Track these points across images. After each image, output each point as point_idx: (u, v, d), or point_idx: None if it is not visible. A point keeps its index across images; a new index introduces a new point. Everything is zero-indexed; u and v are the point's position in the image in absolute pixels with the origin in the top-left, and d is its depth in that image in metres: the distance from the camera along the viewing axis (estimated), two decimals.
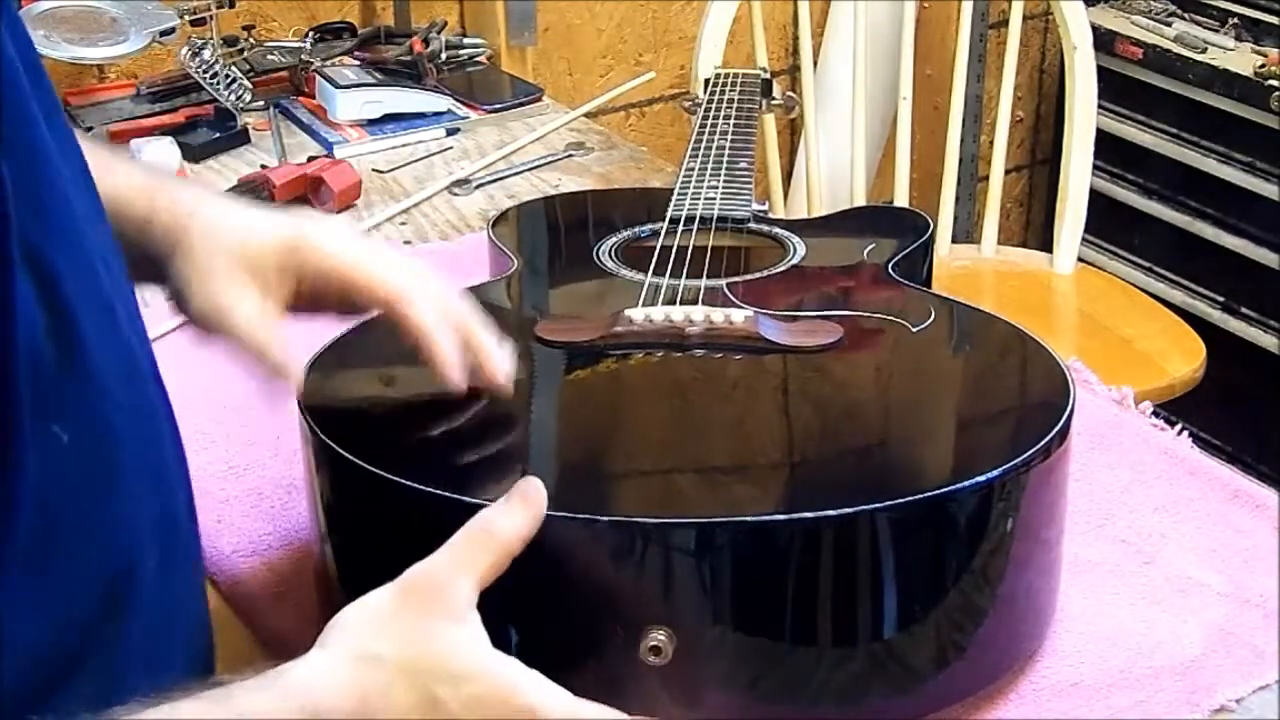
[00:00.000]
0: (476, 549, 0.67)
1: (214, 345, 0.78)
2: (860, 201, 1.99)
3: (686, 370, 0.86)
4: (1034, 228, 2.75)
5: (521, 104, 1.69)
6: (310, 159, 1.49)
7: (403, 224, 1.41)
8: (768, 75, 1.37)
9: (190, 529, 0.71)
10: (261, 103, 1.64)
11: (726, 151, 1.16)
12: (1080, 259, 2.00)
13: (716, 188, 1.09)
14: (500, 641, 0.73)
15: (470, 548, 0.67)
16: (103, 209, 0.68)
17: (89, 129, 1.55)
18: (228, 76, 1.59)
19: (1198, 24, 2.35)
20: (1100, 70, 1.95)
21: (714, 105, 1.27)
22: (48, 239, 0.58)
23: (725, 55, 1.88)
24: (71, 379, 0.59)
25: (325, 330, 0.90)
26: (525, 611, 0.72)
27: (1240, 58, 2.25)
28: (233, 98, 1.59)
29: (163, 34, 1.57)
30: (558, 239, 1.16)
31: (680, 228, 1.03)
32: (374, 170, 1.51)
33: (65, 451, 0.58)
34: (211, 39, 1.61)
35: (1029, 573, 0.80)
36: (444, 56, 1.73)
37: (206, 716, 0.60)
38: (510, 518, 0.68)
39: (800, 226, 1.08)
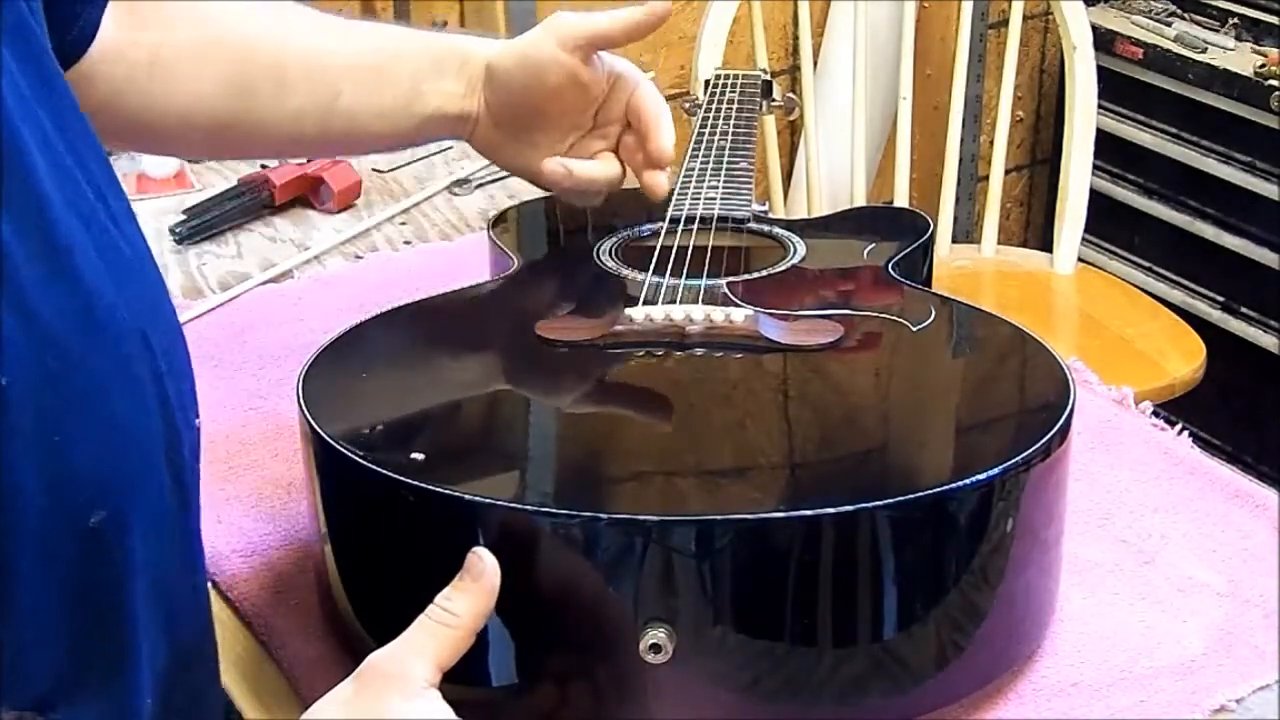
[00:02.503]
0: (431, 632, 0.68)
1: None
2: (860, 201, 1.99)
3: (686, 369, 0.86)
4: (1034, 228, 2.75)
5: None
6: (310, 159, 1.48)
7: (403, 224, 1.41)
8: (768, 76, 1.37)
9: (169, 486, 0.69)
10: None
11: (726, 152, 1.16)
12: (1080, 259, 2.00)
13: (716, 188, 1.09)
14: (501, 642, 0.73)
15: (425, 632, 0.68)
16: (85, 152, 0.67)
17: None
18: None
19: (1198, 24, 2.35)
20: (1100, 70, 1.96)
21: (714, 106, 1.27)
22: None
23: (725, 55, 1.88)
24: (17, 328, 0.59)
25: (325, 329, 0.91)
26: (526, 611, 0.72)
27: (1240, 58, 2.25)
28: None
29: None
30: (558, 239, 1.16)
31: (680, 227, 1.03)
32: (374, 170, 1.51)
33: (4, 394, 0.58)
34: None
35: (1028, 572, 0.80)
36: None
37: None
38: (463, 599, 0.69)
39: (800, 226, 1.08)
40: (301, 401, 0.82)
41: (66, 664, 0.63)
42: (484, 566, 0.70)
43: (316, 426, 0.79)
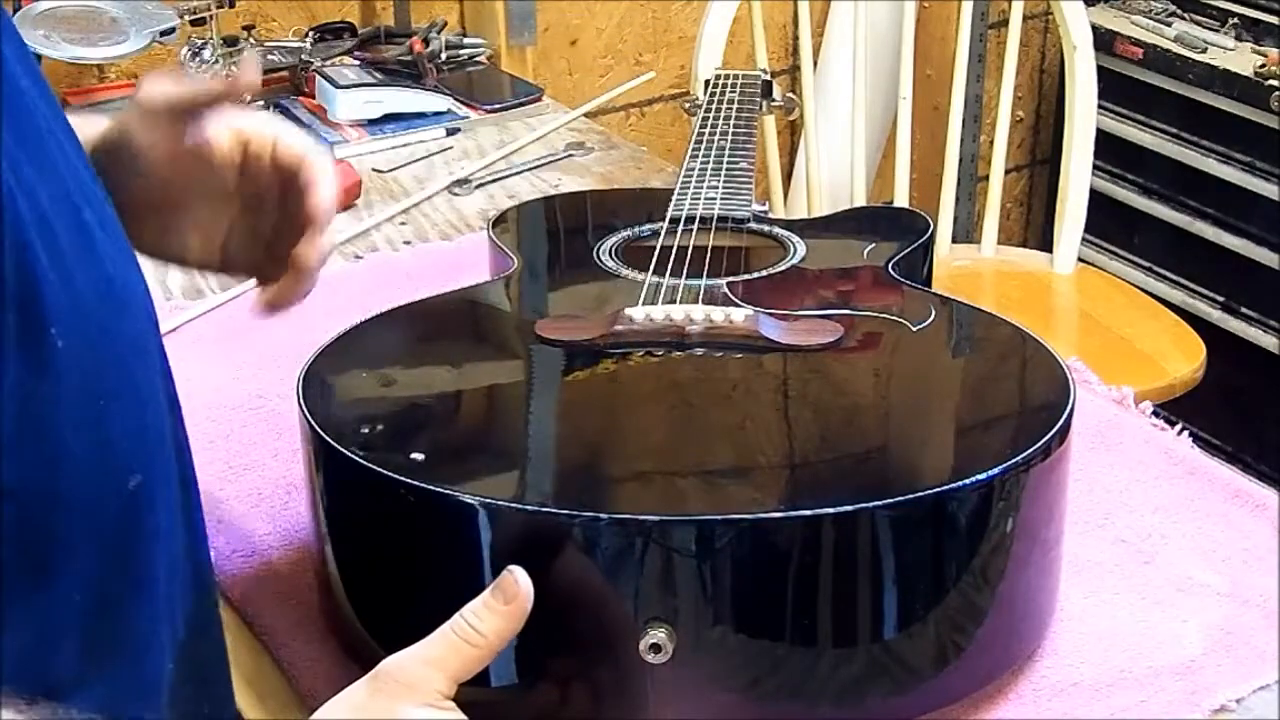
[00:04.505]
0: (454, 648, 0.67)
1: None
2: (860, 201, 1.99)
3: (687, 369, 0.86)
4: (1034, 228, 2.75)
5: (521, 104, 1.69)
6: None
7: (403, 224, 1.41)
8: (768, 76, 1.37)
9: (174, 457, 0.70)
10: (261, 103, 1.64)
11: (727, 152, 1.16)
12: (1080, 259, 2.00)
13: (717, 188, 1.09)
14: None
15: (448, 646, 0.67)
16: (78, 145, 0.68)
17: None
18: (228, 77, 1.58)
19: (1198, 24, 2.35)
20: (1100, 70, 1.95)
21: (714, 106, 1.27)
22: (23, 153, 0.59)
23: (725, 55, 1.88)
24: (63, 290, 0.60)
25: (325, 329, 0.91)
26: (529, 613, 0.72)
27: (1240, 58, 2.25)
28: None
29: (163, 34, 1.57)
30: (558, 239, 1.17)
31: (680, 227, 1.03)
32: (374, 170, 1.52)
33: (60, 357, 0.59)
34: (211, 39, 1.61)
35: (1028, 572, 0.80)
36: (444, 56, 1.73)
37: None
38: (492, 620, 0.68)
39: (800, 226, 1.08)
40: (301, 401, 0.82)
41: (99, 633, 0.63)
42: (518, 590, 0.68)
43: (316, 426, 0.79)
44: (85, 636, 0.62)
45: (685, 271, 0.96)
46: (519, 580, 0.69)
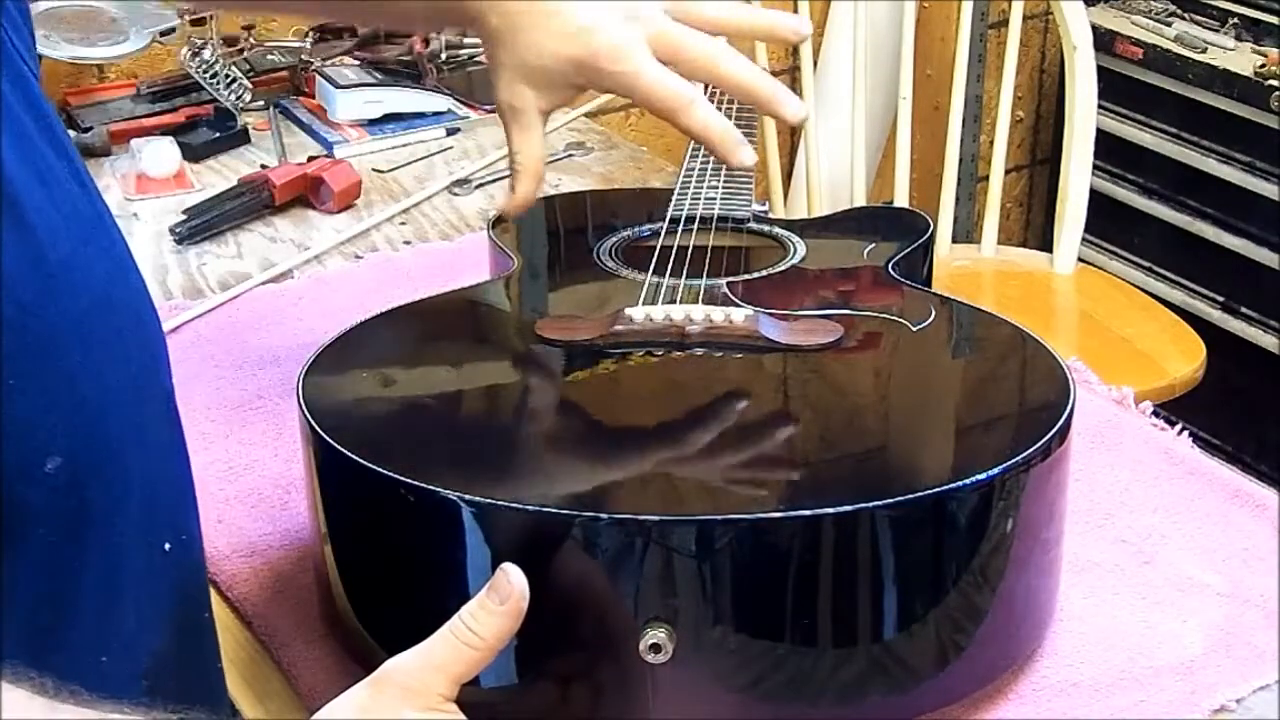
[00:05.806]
0: (454, 650, 0.67)
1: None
2: (860, 201, 1.99)
3: (687, 369, 0.86)
4: (1034, 228, 2.75)
5: None
6: (310, 159, 1.49)
7: (403, 224, 1.41)
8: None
9: (132, 442, 0.70)
10: (261, 103, 1.64)
11: None
12: (1080, 259, 2.00)
13: (717, 188, 1.09)
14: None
15: (447, 648, 0.67)
16: (49, 124, 0.68)
17: (88, 129, 1.55)
18: (228, 76, 1.59)
19: (1198, 24, 2.35)
20: (1100, 70, 1.95)
21: (714, 106, 1.27)
22: None
23: None
24: None
25: (325, 329, 0.91)
26: (526, 610, 0.72)
27: (1240, 58, 2.25)
28: (233, 98, 1.59)
29: (163, 34, 1.57)
30: (558, 239, 1.16)
31: (680, 227, 1.03)
32: (374, 170, 1.51)
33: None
34: (211, 39, 1.61)
35: (1028, 572, 0.80)
36: (444, 56, 1.73)
37: None
38: (488, 621, 0.68)
39: (800, 226, 1.08)
40: (301, 401, 0.82)
41: (42, 613, 0.63)
42: (512, 589, 0.68)
43: (316, 426, 0.79)
44: (29, 621, 0.62)
45: (685, 271, 0.96)
46: (512, 579, 0.68)
